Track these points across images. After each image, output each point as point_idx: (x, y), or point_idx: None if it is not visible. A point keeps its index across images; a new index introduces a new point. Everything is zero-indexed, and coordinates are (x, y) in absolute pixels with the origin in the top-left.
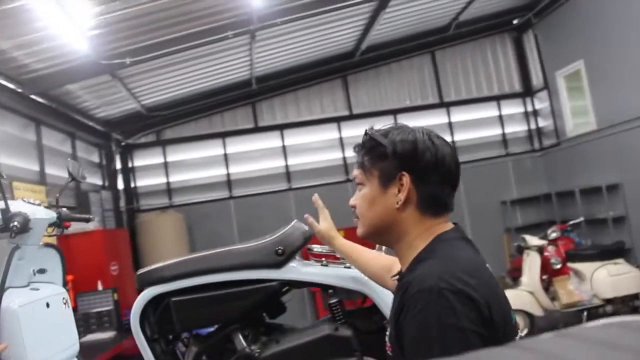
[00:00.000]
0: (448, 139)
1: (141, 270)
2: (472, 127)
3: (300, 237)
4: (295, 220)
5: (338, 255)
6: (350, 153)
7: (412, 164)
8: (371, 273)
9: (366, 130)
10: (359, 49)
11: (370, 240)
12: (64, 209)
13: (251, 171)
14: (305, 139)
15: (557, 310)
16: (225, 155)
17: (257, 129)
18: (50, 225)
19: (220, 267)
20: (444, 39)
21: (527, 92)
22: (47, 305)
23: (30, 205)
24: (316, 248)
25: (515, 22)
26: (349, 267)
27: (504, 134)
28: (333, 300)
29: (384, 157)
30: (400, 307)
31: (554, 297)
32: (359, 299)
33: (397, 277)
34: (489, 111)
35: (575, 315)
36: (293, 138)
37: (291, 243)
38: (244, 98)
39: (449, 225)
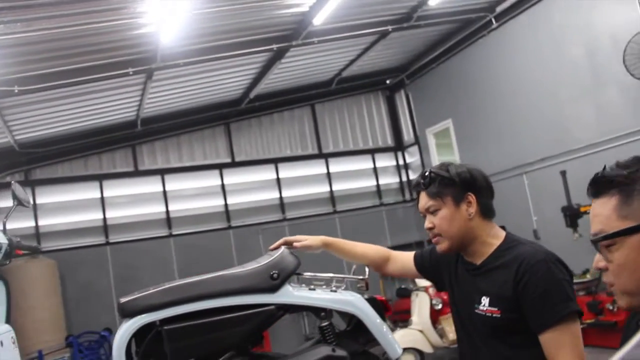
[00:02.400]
0: (326, 189)
1: (125, 298)
2: (349, 177)
3: (294, 261)
4: (283, 248)
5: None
6: (232, 200)
7: (472, 186)
8: (371, 260)
9: (430, 170)
10: (247, 97)
11: (451, 250)
12: (14, 237)
13: (130, 216)
14: (186, 185)
15: (446, 346)
16: (102, 198)
17: (137, 173)
18: None
19: (214, 292)
20: (324, 92)
21: (398, 146)
22: (1, 344)
23: None
24: (306, 273)
25: (388, 82)
26: (335, 291)
27: (378, 185)
28: (325, 323)
29: (453, 185)
30: (520, 276)
31: (441, 335)
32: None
33: (477, 265)
34: (364, 163)
35: None
36: (174, 183)
37: (285, 267)
38: (124, 140)
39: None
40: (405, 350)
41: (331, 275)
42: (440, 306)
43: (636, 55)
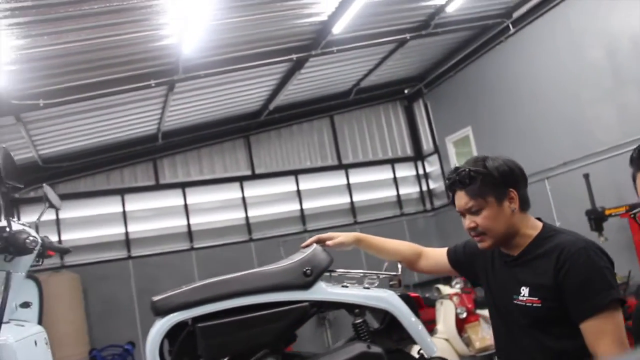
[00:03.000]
0: (347, 199)
1: (158, 297)
2: (369, 188)
3: (326, 258)
4: (316, 245)
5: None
6: (253, 212)
7: (512, 181)
8: (404, 257)
9: (469, 168)
10: (267, 109)
11: (496, 246)
12: (45, 237)
13: (151, 230)
14: (207, 198)
15: (472, 355)
16: (124, 213)
17: (158, 187)
18: None
19: (248, 289)
20: (343, 103)
21: (418, 156)
22: (35, 343)
23: (21, 226)
24: (338, 270)
25: (406, 91)
26: (368, 288)
27: (398, 195)
28: (359, 320)
29: (494, 184)
30: (561, 264)
31: (467, 343)
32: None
33: (515, 256)
34: (384, 173)
35: (487, 359)
36: (195, 197)
37: (318, 264)
38: (145, 154)
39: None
40: (431, 359)
41: (364, 271)
42: (465, 315)
43: None
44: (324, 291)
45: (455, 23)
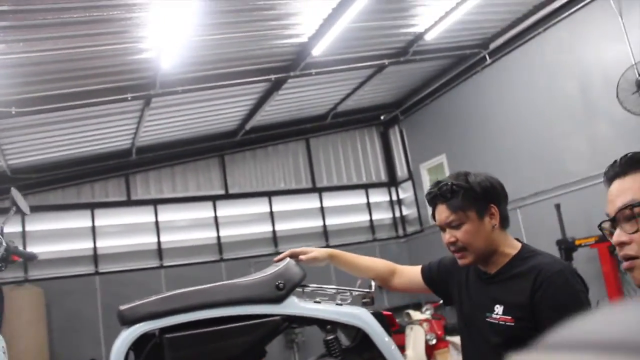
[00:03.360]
0: (319, 223)
1: (125, 306)
2: (342, 212)
3: (299, 273)
4: (289, 259)
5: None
6: (224, 232)
7: (493, 197)
8: (377, 273)
9: (451, 182)
10: (243, 129)
11: (475, 263)
12: (11, 241)
13: (120, 246)
14: (179, 216)
15: None
16: (93, 227)
17: (129, 202)
18: None
19: (218, 301)
20: (319, 127)
21: (392, 182)
22: None
23: None
24: (311, 285)
25: (382, 117)
26: (341, 305)
27: (371, 220)
28: (330, 337)
29: (475, 197)
30: (538, 285)
31: None
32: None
33: (492, 274)
34: (357, 198)
35: None
36: (167, 214)
37: (291, 277)
38: (117, 169)
39: None
40: None
41: (336, 287)
42: (434, 341)
43: (627, 89)
44: (296, 306)
45: (434, 51)
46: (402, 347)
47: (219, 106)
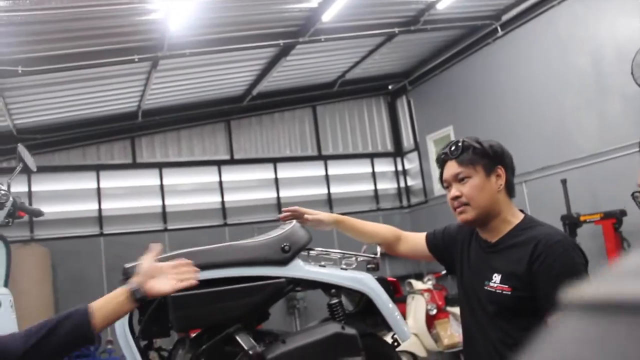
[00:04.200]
0: (324, 190)
1: (130, 264)
2: (347, 181)
3: (305, 235)
4: (295, 222)
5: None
6: (229, 197)
7: (502, 160)
8: (383, 239)
9: (463, 139)
10: (250, 94)
11: (476, 221)
12: (17, 196)
13: (125, 208)
14: (184, 180)
15: (440, 351)
16: (98, 189)
17: (134, 165)
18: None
19: (224, 261)
20: (326, 94)
21: (398, 152)
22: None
23: None
24: (316, 249)
25: (390, 87)
26: (345, 269)
27: (375, 190)
28: (334, 301)
29: (485, 156)
30: (537, 254)
31: (436, 339)
32: None
33: (492, 243)
34: (363, 167)
35: (454, 356)
36: (172, 178)
37: (297, 240)
38: (123, 131)
39: None
40: (400, 352)
41: (342, 252)
42: (435, 311)
43: None
44: (301, 269)
45: (445, 21)
46: (403, 316)
47: (226, 70)
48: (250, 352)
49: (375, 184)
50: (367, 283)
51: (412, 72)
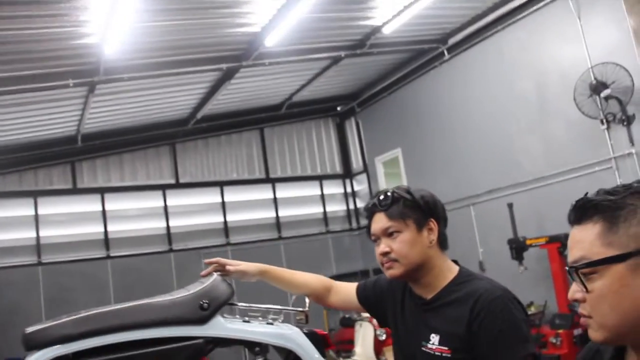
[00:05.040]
0: (272, 214)
1: (32, 328)
2: (295, 204)
3: (227, 290)
4: (216, 275)
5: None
6: (174, 222)
7: (434, 213)
8: (312, 290)
9: (393, 190)
10: (194, 117)
11: (404, 277)
12: None
13: (65, 235)
14: (127, 205)
15: None
16: (36, 216)
17: (75, 191)
18: None
19: (136, 322)
20: (273, 117)
21: (347, 174)
22: None
23: None
24: (240, 304)
25: (339, 108)
26: (272, 324)
27: (325, 212)
28: (259, 359)
29: (417, 209)
30: (476, 313)
31: None
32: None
33: (428, 300)
34: (311, 190)
35: None
36: (114, 203)
37: (217, 296)
38: (63, 156)
39: None
40: None
41: (268, 306)
42: (384, 337)
43: (583, 93)
44: (221, 326)
45: (391, 45)
46: (351, 342)
47: (168, 94)
48: None
49: (324, 206)
50: (294, 339)
51: (360, 94)
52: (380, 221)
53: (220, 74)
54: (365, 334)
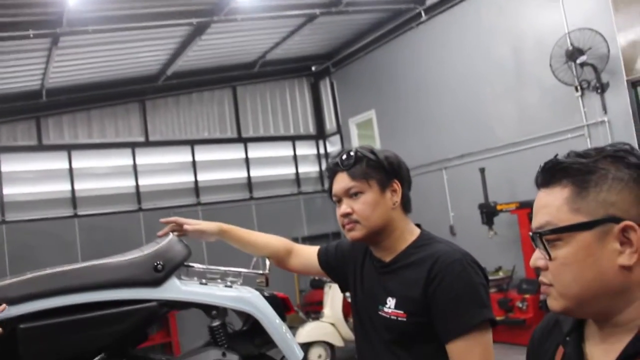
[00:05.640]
0: (244, 174)
1: None
2: (267, 164)
3: (183, 251)
4: (172, 235)
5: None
6: (144, 181)
7: (398, 174)
8: (273, 251)
9: (356, 149)
10: (165, 74)
11: (365, 240)
12: None
13: (30, 193)
14: (95, 163)
15: None
16: (0, 174)
17: (40, 147)
18: None
19: (85, 284)
20: (246, 75)
21: (320, 135)
22: None
23: None
24: (197, 265)
25: (313, 68)
26: (230, 287)
27: (297, 173)
28: (216, 323)
29: (380, 169)
30: (433, 275)
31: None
32: None
33: (386, 262)
34: (284, 150)
35: None
36: (82, 161)
37: (172, 258)
38: (26, 111)
39: None
40: (315, 343)
41: (226, 268)
42: None
43: (559, 59)
44: (176, 289)
45: (368, 4)
46: (320, 304)
47: (136, 49)
48: None
49: (296, 167)
50: (253, 302)
51: (335, 54)
52: (342, 181)
53: (190, 29)
54: (334, 296)
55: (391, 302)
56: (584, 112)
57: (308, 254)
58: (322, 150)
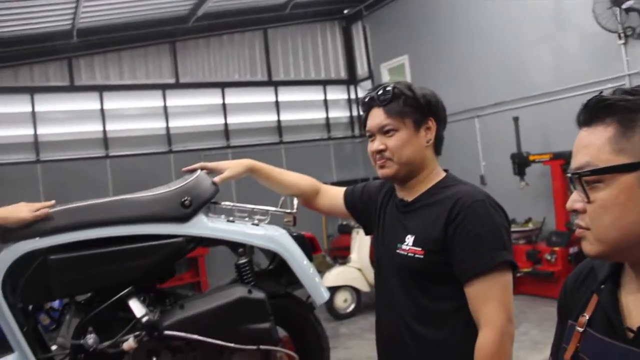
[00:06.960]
0: (274, 117)
1: None
2: (298, 108)
3: (210, 188)
4: (200, 171)
5: (242, 209)
6: (174, 123)
7: (435, 112)
8: (301, 191)
9: (394, 85)
10: (195, 15)
11: (396, 177)
12: None
13: (63, 133)
14: (126, 104)
15: None
16: (34, 113)
17: (72, 88)
18: None
19: (114, 218)
20: (278, 17)
21: (351, 80)
22: None
23: None
24: (225, 203)
25: (346, 11)
26: (257, 225)
27: (327, 118)
28: (242, 261)
29: (417, 107)
30: (454, 215)
31: None
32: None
33: (409, 201)
34: (315, 94)
35: None
36: (113, 102)
37: (200, 194)
38: (59, 51)
39: None
40: (342, 287)
41: (253, 206)
42: None
43: (603, 3)
44: (203, 225)
45: None
46: (347, 249)
47: None
48: (143, 320)
49: (327, 112)
50: (280, 241)
51: None
52: (377, 117)
53: None
54: (362, 241)
55: (410, 239)
56: (626, 60)
57: (334, 194)
58: (352, 96)
